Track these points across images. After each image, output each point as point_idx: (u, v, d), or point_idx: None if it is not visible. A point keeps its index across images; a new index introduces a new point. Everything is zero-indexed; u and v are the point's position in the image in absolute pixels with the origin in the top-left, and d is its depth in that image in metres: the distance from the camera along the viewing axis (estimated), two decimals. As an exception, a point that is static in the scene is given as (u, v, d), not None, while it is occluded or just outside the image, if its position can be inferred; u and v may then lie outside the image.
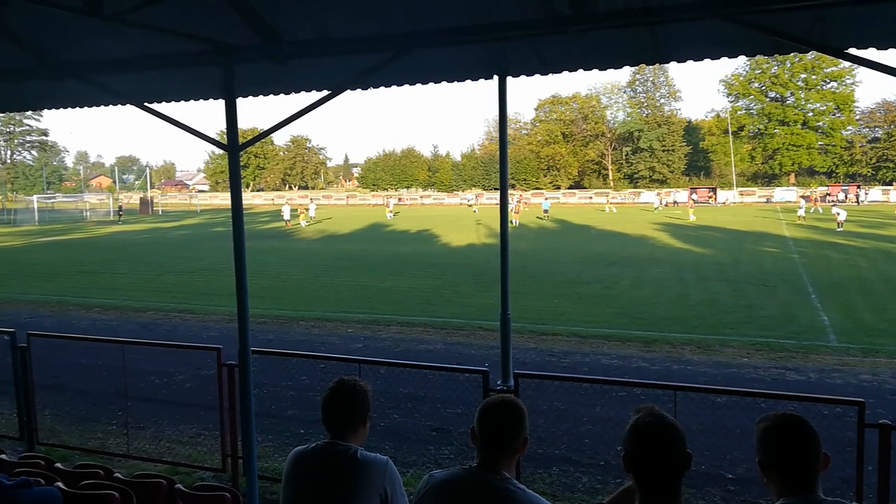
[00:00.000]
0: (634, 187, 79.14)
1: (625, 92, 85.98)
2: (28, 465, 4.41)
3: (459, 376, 6.26)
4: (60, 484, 3.87)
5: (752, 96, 78.71)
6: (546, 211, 50.25)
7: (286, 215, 47.05)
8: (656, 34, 4.49)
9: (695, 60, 4.78)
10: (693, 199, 56.19)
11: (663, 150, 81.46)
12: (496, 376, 6.04)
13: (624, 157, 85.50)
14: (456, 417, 7.81)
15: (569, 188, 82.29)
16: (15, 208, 66.34)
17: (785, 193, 66.48)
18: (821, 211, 46.92)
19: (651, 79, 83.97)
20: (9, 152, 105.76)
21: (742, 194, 68.67)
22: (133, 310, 15.88)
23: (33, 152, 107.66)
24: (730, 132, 76.36)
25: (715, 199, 65.13)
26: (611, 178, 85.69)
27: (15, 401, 7.20)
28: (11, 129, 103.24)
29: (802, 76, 74.82)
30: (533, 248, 27.94)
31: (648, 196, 69.26)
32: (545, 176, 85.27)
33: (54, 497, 3.73)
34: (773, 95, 77.65)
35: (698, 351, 11.25)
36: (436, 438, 7.53)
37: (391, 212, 54.57)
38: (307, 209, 49.76)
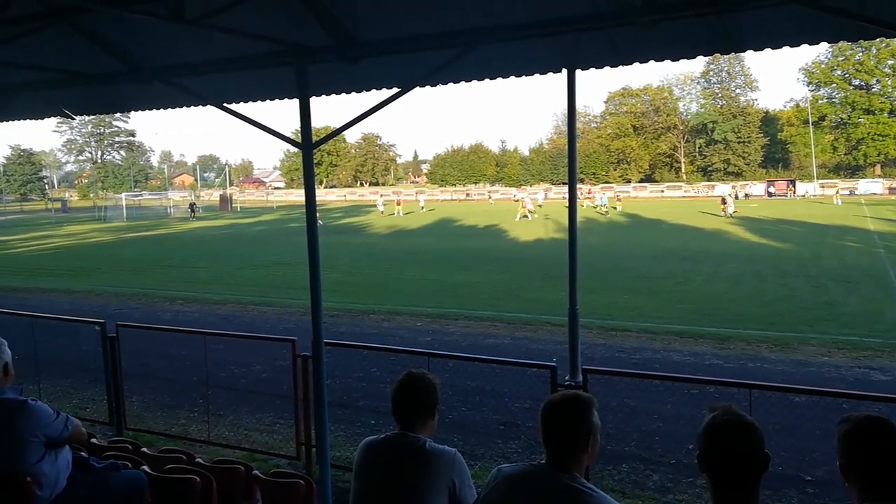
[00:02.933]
0: (708, 180, 76.61)
1: (698, 82, 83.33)
2: (116, 448, 4.64)
3: (527, 371, 6.26)
4: (146, 468, 4.05)
5: (834, 84, 74.92)
6: (603, 205, 49.52)
7: (380, 207, 53.64)
8: (731, 22, 4.35)
9: (773, 48, 4.59)
10: (729, 195, 47.60)
11: (739, 142, 78.57)
12: (564, 372, 6.01)
13: (697, 150, 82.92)
14: (523, 412, 7.80)
15: (639, 182, 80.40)
16: (105, 205, 69.78)
17: (870, 185, 62.97)
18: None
19: (726, 68, 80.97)
20: (99, 152, 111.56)
21: (823, 186, 65.34)
22: (213, 302, 16.51)
23: (121, 152, 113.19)
24: (810, 122, 72.73)
25: (794, 191, 62.28)
26: (683, 171, 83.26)
27: (105, 388, 7.61)
28: (102, 130, 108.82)
29: (890, 62, 70.77)
30: (602, 243, 27.48)
31: (723, 189, 66.83)
32: (615, 170, 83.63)
33: (140, 480, 3.92)
34: (857, 83, 73.75)
35: (775, 349, 10.83)
36: (503, 432, 7.55)
37: (529, 211, 45.03)
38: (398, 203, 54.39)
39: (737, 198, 58.10)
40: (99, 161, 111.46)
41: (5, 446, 3.42)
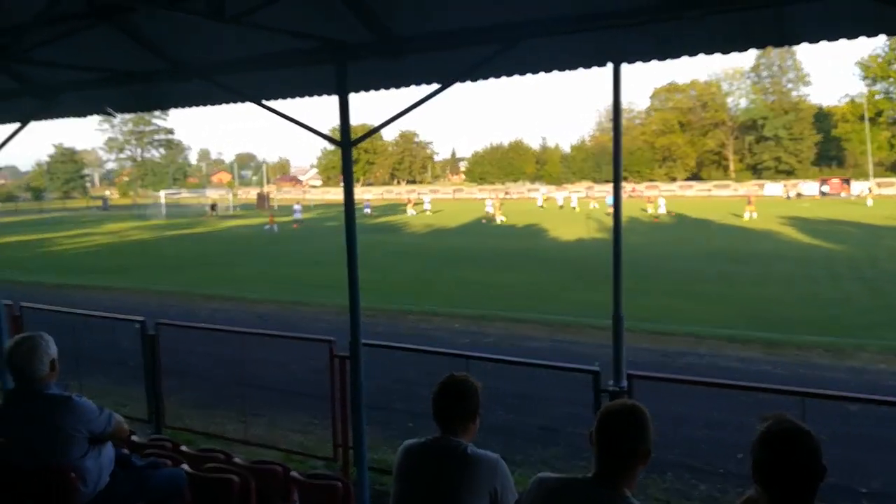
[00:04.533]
0: (758, 178, 74.84)
1: (748, 77, 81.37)
2: (156, 446, 4.67)
3: (569, 375, 6.10)
4: (186, 466, 4.07)
5: (892, 79, 72.29)
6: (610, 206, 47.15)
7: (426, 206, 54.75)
8: (785, 14, 4.14)
9: (828, 41, 4.34)
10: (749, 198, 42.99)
11: (790, 139, 76.51)
12: (608, 376, 5.84)
13: (747, 147, 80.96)
14: (565, 417, 7.64)
15: (686, 180, 78.94)
16: (145, 203, 71.47)
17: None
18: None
19: (777, 62, 78.85)
20: (139, 150, 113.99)
21: (880, 185, 63.07)
22: (250, 301, 16.69)
23: (161, 150, 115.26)
24: (866, 118, 70.34)
25: (848, 190, 60.31)
26: (732, 169, 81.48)
27: (144, 385, 7.67)
28: (142, 128, 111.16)
29: (951, 56, 68.16)
30: (646, 243, 27.04)
31: (773, 188, 65.28)
32: (660, 167, 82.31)
33: (180, 478, 3.93)
34: (916, 77, 71.15)
35: (828, 355, 10.45)
36: (544, 438, 7.41)
37: (656, 213, 43.60)
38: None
39: (788, 197, 56.59)
40: (139, 159, 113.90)
41: (50, 441, 3.46)
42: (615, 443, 2.18)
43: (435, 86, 4.83)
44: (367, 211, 53.97)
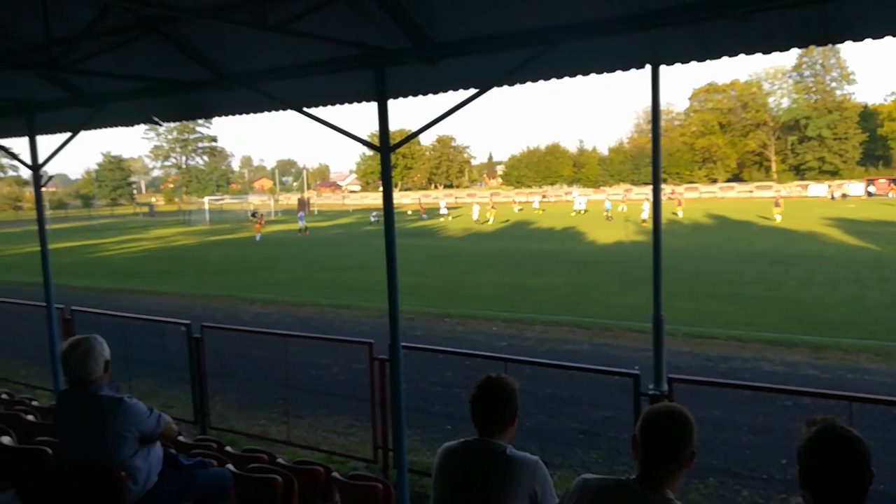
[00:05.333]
0: (801, 179, 73.03)
1: (790, 76, 79.49)
2: (202, 446, 4.78)
3: (608, 379, 6.06)
4: (231, 466, 4.16)
5: (941, 75, 70.02)
6: (607, 210, 44.86)
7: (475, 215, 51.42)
8: (829, 11, 4.05)
9: (874, 38, 4.25)
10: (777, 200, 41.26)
11: (835, 139, 74.53)
12: (648, 380, 5.78)
13: (789, 147, 79.09)
14: (604, 421, 7.58)
15: (726, 181, 77.43)
16: (189, 209, 72.87)
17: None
18: None
19: (820, 61, 76.92)
20: (184, 158, 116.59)
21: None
22: (291, 304, 16.91)
23: (204, 157, 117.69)
24: (913, 116, 68.34)
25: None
26: (774, 169, 79.64)
27: (190, 387, 7.85)
28: (186, 136, 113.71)
29: None
30: (687, 246, 26.62)
31: (817, 189, 63.63)
32: (700, 169, 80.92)
33: (226, 478, 4.02)
34: (966, 73, 68.67)
35: (877, 359, 10.15)
36: (583, 441, 7.35)
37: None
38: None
39: (832, 198, 55.05)
40: (183, 166, 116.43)
41: (102, 441, 3.55)
42: (659, 446, 2.18)
43: (472, 91, 4.86)
44: (373, 219, 50.08)
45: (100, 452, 3.55)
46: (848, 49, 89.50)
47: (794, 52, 76.18)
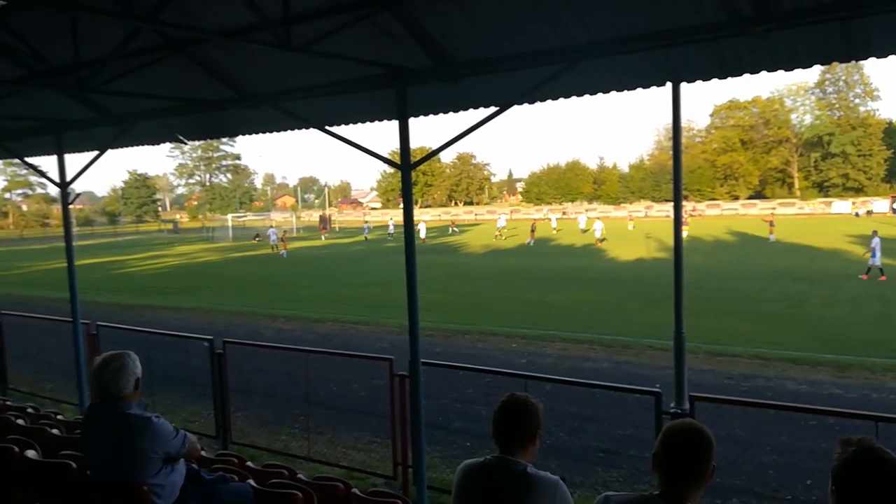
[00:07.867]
0: (825, 196, 72.12)
1: (812, 93, 78.79)
2: (223, 461, 4.81)
3: (629, 397, 6.00)
4: (251, 481, 4.17)
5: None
6: (584, 230, 45.71)
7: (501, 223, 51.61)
8: (852, 29, 4.04)
9: (897, 55, 4.22)
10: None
11: (859, 155, 73.60)
12: (669, 398, 5.72)
13: (812, 164, 78.23)
14: (625, 439, 7.50)
15: (749, 198, 76.66)
16: (212, 226, 73.58)
17: None
18: None
19: (843, 77, 76.19)
20: (207, 175, 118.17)
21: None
22: (313, 320, 16.98)
23: (228, 175, 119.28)
24: (940, 132, 67.31)
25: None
26: (797, 186, 78.75)
27: (213, 402, 7.91)
28: (210, 154, 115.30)
29: None
30: (708, 263, 26.37)
31: (841, 206, 62.78)
32: (721, 186, 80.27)
33: (247, 493, 4.02)
34: None
35: (903, 379, 9.96)
36: (604, 460, 7.28)
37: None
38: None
39: (857, 215, 54.17)
40: (207, 184, 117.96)
41: (128, 459, 3.57)
42: (682, 462, 2.18)
43: (493, 109, 4.90)
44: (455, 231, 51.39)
45: (124, 469, 3.57)
46: (871, 65, 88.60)
47: (817, 69, 75.54)
